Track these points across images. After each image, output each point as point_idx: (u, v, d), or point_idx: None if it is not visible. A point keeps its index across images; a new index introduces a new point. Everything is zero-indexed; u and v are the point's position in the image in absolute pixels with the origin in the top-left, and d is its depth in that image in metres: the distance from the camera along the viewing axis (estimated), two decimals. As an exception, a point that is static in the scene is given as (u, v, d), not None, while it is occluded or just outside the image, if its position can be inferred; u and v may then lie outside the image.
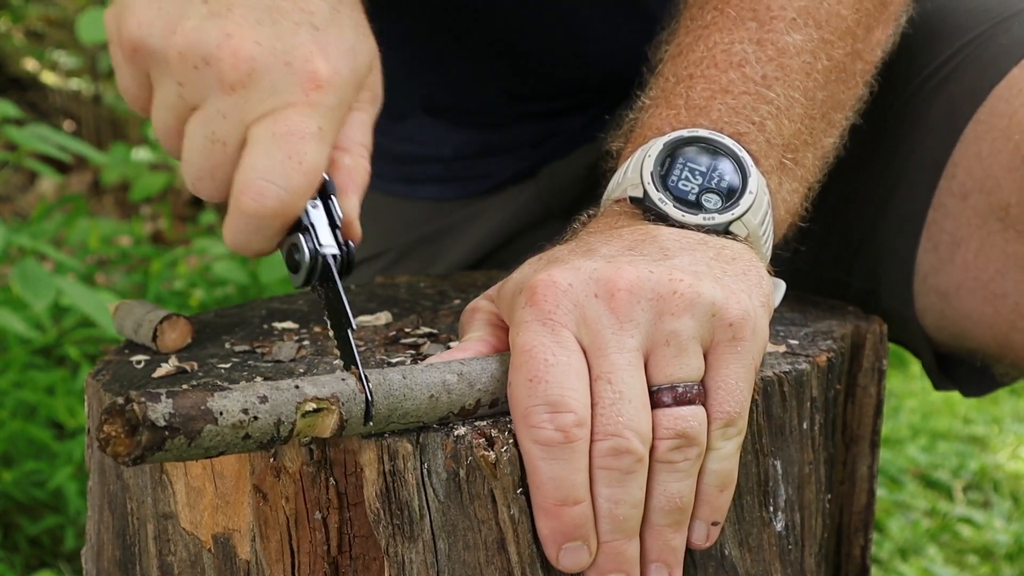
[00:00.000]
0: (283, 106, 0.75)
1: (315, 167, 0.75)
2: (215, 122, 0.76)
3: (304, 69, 0.75)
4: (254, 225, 0.75)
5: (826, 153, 0.91)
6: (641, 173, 0.82)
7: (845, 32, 0.90)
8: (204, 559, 0.76)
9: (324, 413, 0.67)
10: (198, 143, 0.77)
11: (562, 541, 0.70)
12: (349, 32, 0.79)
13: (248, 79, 0.74)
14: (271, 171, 0.74)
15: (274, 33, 0.75)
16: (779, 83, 0.86)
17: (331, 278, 0.76)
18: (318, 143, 0.75)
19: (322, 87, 0.76)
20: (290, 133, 0.74)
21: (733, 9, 0.89)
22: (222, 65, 0.74)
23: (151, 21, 0.76)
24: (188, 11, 0.75)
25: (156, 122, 0.80)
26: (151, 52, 0.76)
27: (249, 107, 0.75)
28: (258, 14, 0.76)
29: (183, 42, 0.75)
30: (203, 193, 0.79)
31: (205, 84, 0.75)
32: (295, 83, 0.75)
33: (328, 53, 0.77)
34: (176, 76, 0.76)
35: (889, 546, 2.29)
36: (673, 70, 0.88)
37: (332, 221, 0.78)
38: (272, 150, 0.74)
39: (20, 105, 3.10)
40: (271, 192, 0.74)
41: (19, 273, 1.96)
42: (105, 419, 0.60)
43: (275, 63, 0.75)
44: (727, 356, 0.72)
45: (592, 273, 0.72)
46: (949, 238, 1.03)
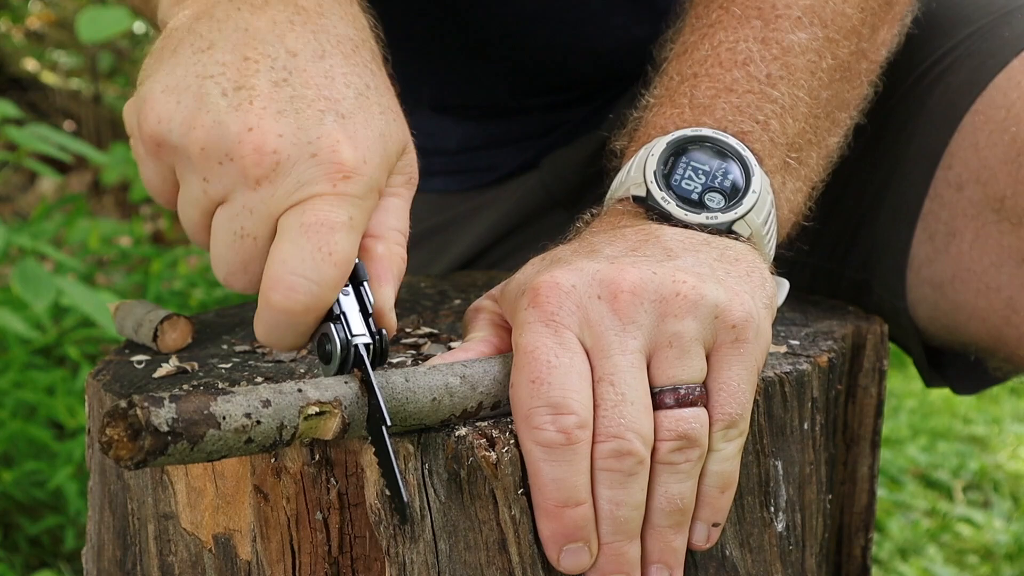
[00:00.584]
0: (310, 197, 0.72)
1: (346, 258, 0.72)
2: (242, 217, 0.73)
3: (330, 160, 0.72)
4: (286, 321, 0.72)
5: (830, 152, 0.91)
6: (644, 172, 0.82)
7: (850, 31, 0.90)
8: (205, 559, 0.76)
9: (327, 416, 0.67)
10: (227, 238, 0.74)
11: (563, 542, 0.70)
12: (377, 118, 0.76)
13: (273, 173, 0.72)
14: (301, 265, 0.71)
15: (297, 124, 0.73)
16: (784, 82, 0.86)
17: (363, 370, 0.71)
18: (348, 233, 0.72)
19: (350, 177, 0.73)
20: (319, 224, 0.71)
21: (738, 8, 0.89)
22: (245, 161, 0.71)
23: (170, 116, 0.73)
24: (208, 104, 0.73)
25: (183, 217, 0.77)
26: (173, 148, 0.74)
27: (276, 200, 0.72)
28: (280, 104, 0.73)
29: (204, 137, 0.72)
30: (237, 287, 0.76)
31: (230, 179, 0.73)
32: (322, 174, 0.72)
33: (355, 141, 0.74)
34: (200, 172, 0.73)
35: (889, 546, 2.29)
36: (678, 68, 0.88)
37: (364, 309, 0.74)
38: (301, 242, 0.71)
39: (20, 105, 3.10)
40: (302, 287, 0.71)
41: (19, 273, 1.96)
42: (107, 422, 0.60)
43: (300, 155, 0.72)
44: (729, 358, 0.72)
45: (595, 274, 0.72)
46: (944, 228, 1.03)
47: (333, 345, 0.73)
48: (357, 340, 0.73)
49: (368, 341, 0.73)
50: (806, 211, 0.89)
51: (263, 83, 0.73)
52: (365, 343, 0.73)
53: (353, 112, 0.75)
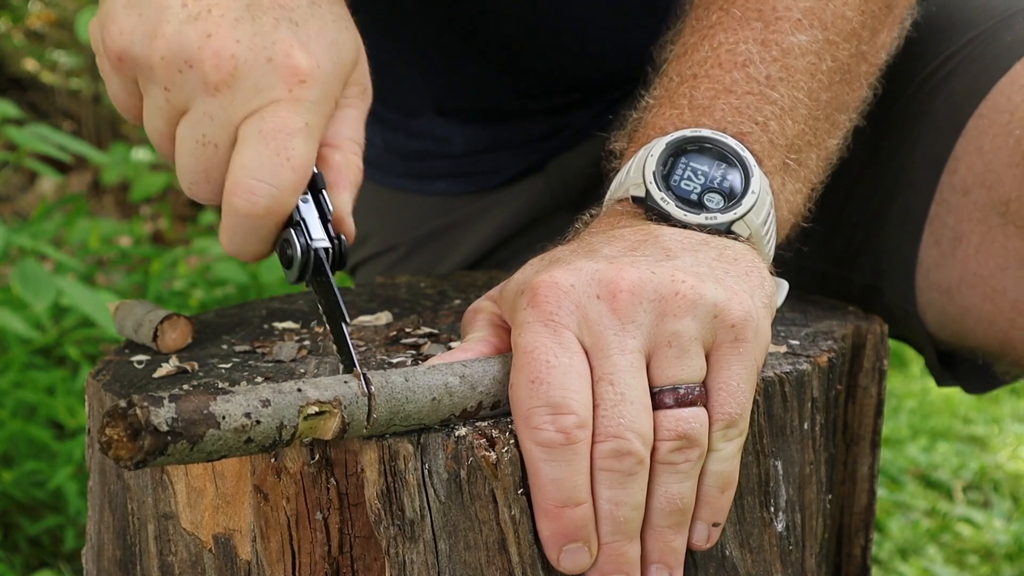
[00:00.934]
0: (268, 103, 0.75)
1: (304, 163, 0.76)
2: (203, 124, 0.76)
3: (286, 64, 0.76)
4: (248, 225, 0.76)
5: (829, 154, 0.91)
6: (643, 172, 0.82)
7: (850, 34, 0.90)
8: (205, 559, 0.76)
9: (326, 416, 0.67)
10: (189, 146, 0.77)
11: (563, 542, 0.70)
12: (330, 26, 0.79)
13: (231, 78, 0.75)
14: (260, 169, 0.75)
15: (254, 30, 0.76)
16: (783, 83, 0.86)
17: (324, 272, 0.76)
18: (305, 138, 0.76)
19: (305, 81, 0.76)
20: (277, 130, 0.75)
21: (738, 9, 0.89)
22: (204, 66, 0.75)
23: (132, 28, 0.76)
24: (168, 15, 0.76)
25: (148, 128, 0.80)
26: (135, 59, 0.77)
27: (235, 107, 0.75)
28: (237, 12, 0.76)
29: (164, 47, 0.75)
30: (200, 196, 0.79)
31: (190, 87, 0.76)
32: (278, 79, 0.75)
33: (309, 47, 0.77)
34: (161, 81, 0.76)
35: (889, 546, 2.29)
36: (677, 70, 0.88)
37: (323, 216, 0.78)
38: (260, 148, 0.75)
39: (20, 105, 3.10)
40: (262, 191, 0.75)
41: (19, 273, 1.96)
42: (107, 422, 0.60)
43: (256, 60, 0.75)
44: (729, 357, 0.72)
45: (594, 274, 0.72)
46: (951, 233, 1.03)
47: (294, 250, 0.77)
48: (316, 244, 0.77)
49: (327, 245, 0.77)
50: (805, 212, 0.89)
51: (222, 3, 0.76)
52: (324, 247, 0.77)
53: (306, 19, 0.78)
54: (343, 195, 0.80)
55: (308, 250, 0.76)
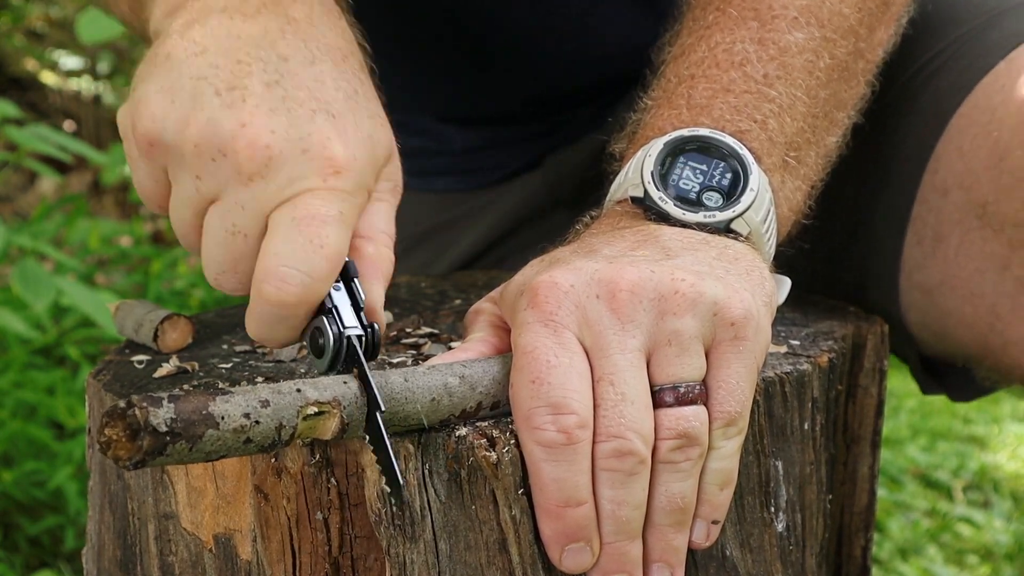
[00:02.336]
0: (302, 192, 0.73)
1: (337, 251, 0.73)
2: (234, 214, 0.74)
3: (322, 155, 0.74)
4: (277, 314, 0.73)
5: (828, 152, 0.91)
6: (642, 173, 0.82)
7: (847, 31, 0.90)
8: (205, 559, 0.76)
9: (325, 416, 0.67)
10: (218, 236, 0.75)
11: (565, 542, 0.70)
12: (365, 120, 0.78)
13: (265, 168, 0.73)
14: (292, 257, 0.72)
15: (289, 121, 0.74)
16: (781, 82, 0.86)
17: (357, 360, 0.72)
18: (339, 227, 0.73)
19: (340, 172, 0.74)
20: (311, 217, 0.73)
21: (735, 9, 0.89)
22: (238, 156, 0.73)
23: (165, 115, 0.75)
24: (202, 103, 0.74)
25: (174, 218, 0.78)
26: (166, 146, 0.75)
27: (268, 196, 0.73)
28: (272, 103, 0.74)
29: (198, 134, 0.73)
30: (226, 287, 0.77)
31: (223, 176, 0.74)
32: (313, 169, 0.74)
33: (346, 139, 0.75)
34: (193, 169, 0.74)
35: (889, 546, 2.29)
36: (675, 70, 0.88)
37: (355, 304, 0.75)
38: (293, 235, 0.72)
39: (20, 105, 3.10)
40: (294, 279, 0.72)
41: (19, 273, 1.96)
42: (106, 422, 0.60)
43: (292, 150, 0.73)
44: (729, 356, 0.72)
45: (593, 274, 0.72)
46: (932, 234, 1.03)
47: (326, 338, 0.73)
48: (349, 332, 0.73)
49: (360, 333, 0.73)
50: (806, 209, 0.89)
51: (256, 84, 0.75)
52: (357, 335, 0.73)
53: (343, 113, 0.77)
54: (375, 286, 0.78)
55: (340, 338, 0.73)
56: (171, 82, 0.75)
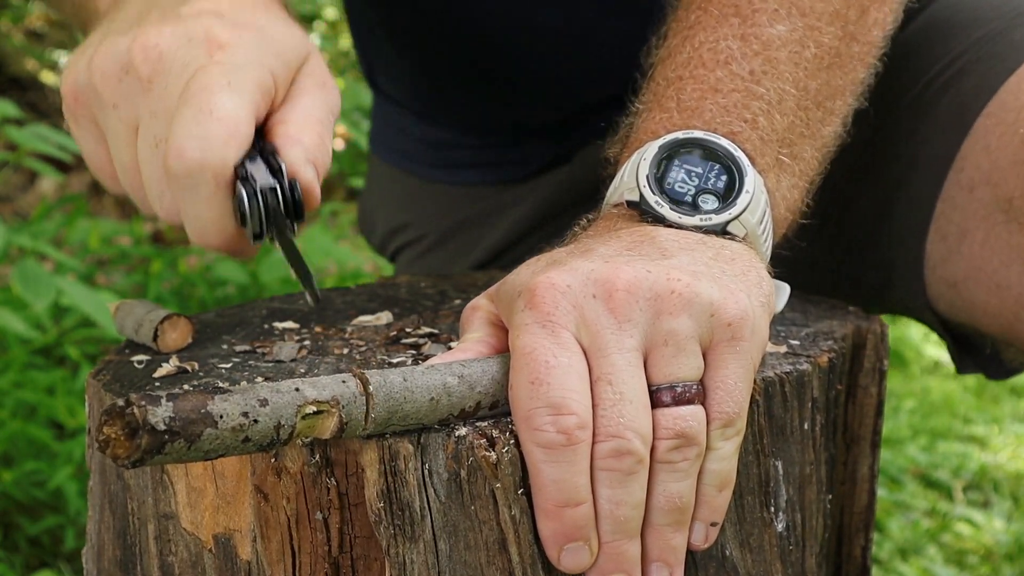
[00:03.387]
0: (192, 74, 0.76)
1: (230, 115, 0.75)
2: (151, 125, 0.77)
3: (205, 38, 0.78)
4: (188, 188, 0.75)
5: (826, 144, 0.91)
6: (637, 177, 0.82)
7: (833, 16, 0.90)
8: (205, 559, 0.76)
9: (324, 415, 0.67)
10: (147, 156, 0.78)
11: (564, 542, 0.70)
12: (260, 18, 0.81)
13: (159, 65, 0.77)
14: (185, 127, 0.74)
15: (176, 24, 0.79)
16: (768, 77, 0.86)
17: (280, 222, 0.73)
18: (229, 93, 0.75)
19: (224, 47, 0.77)
20: (199, 89, 0.75)
21: (715, 7, 0.88)
22: (135, 64, 0.77)
23: (77, 66, 0.80)
24: (104, 39, 0.80)
25: (120, 174, 0.81)
26: (83, 90, 0.79)
27: (168, 93, 0.76)
28: (165, 17, 0.80)
29: (100, 62, 0.78)
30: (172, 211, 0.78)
31: (132, 93, 0.78)
32: (199, 51, 0.77)
33: (230, 24, 0.79)
34: (108, 100, 0.78)
35: (889, 546, 2.29)
36: (663, 73, 0.88)
37: (273, 170, 0.75)
38: (184, 111, 0.75)
39: (20, 105, 3.10)
40: (189, 144, 0.74)
41: (19, 273, 1.96)
42: (105, 421, 0.60)
43: (178, 43, 0.77)
44: (726, 356, 0.72)
45: (590, 274, 0.72)
46: (956, 229, 1.04)
47: (241, 200, 0.74)
48: (261, 184, 0.74)
49: (274, 184, 0.74)
50: (804, 207, 0.89)
51: (153, 16, 0.80)
52: (271, 187, 0.74)
53: (231, 12, 0.81)
54: (293, 150, 0.78)
55: (254, 194, 0.74)
56: (84, 44, 0.82)
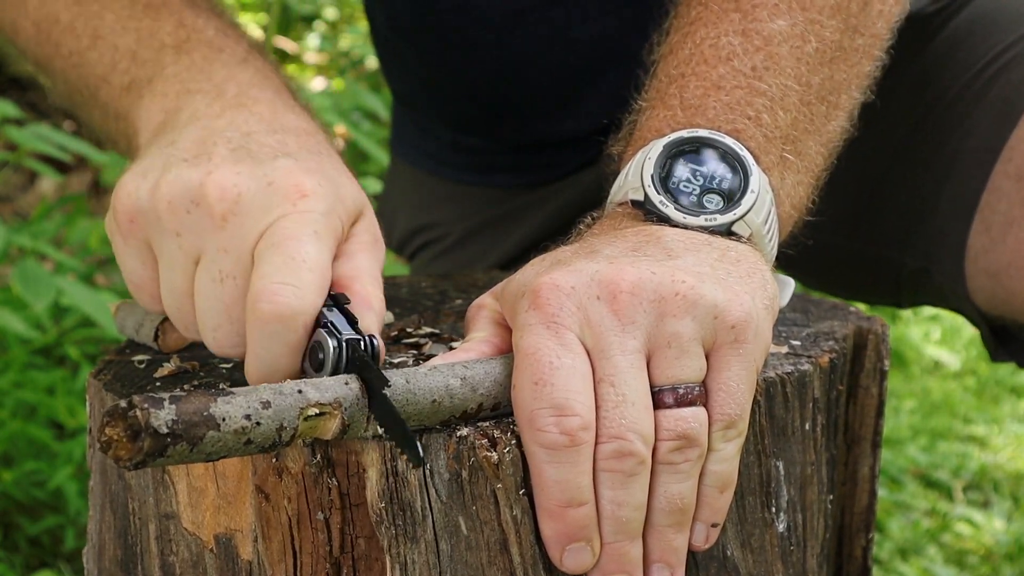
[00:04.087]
0: (275, 220, 0.76)
1: (319, 263, 0.75)
2: (218, 260, 0.76)
3: (287, 184, 0.77)
4: (275, 332, 0.74)
5: (831, 139, 0.90)
6: (642, 176, 0.82)
7: (834, 9, 0.89)
8: (206, 559, 0.76)
9: (326, 417, 0.67)
10: (208, 289, 0.77)
11: (566, 542, 0.70)
12: (329, 168, 0.82)
13: (236, 206, 0.76)
14: (278, 274, 0.74)
15: (253, 163, 0.78)
16: (770, 73, 0.85)
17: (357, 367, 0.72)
18: (316, 242, 0.76)
19: (308, 196, 0.77)
20: (288, 238, 0.75)
21: (716, 3, 0.88)
22: (209, 201, 0.76)
23: (138, 187, 0.79)
24: (170, 167, 0.79)
25: (166, 297, 0.80)
26: (143, 214, 0.78)
27: (244, 232, 0.76)
28: (236, 154, 0.79)
29: (169, 191, 0.77)
30: (225, 344, 0.78)
31: (200, 226, 0.77)
32: (281, 197, 0.77)
33: (309, 171, 0.79)
34: (171, 227, 0.77)
35: (889, 546, 2.29)
36: (665, 70, 0.88)
37: (350, 321, 0.75)
38: (274, 257, 0.74)
39: (20, 105, 3.10)
40: (284, 290, 0.73)
41: (19, 273, 1.96)
42: (107, 422, 0.60)
43: (258, 185, 0.77)
44: (729, 358, 0.72)
45: (594, 275, 0.72)
46: (1002, 219, 1.06)
47: (326, 347, 0.73)
48: (346, 336, 0.73)
49: (357, 337, 0.73)
50: (809, 204, 0.89)
51: (221, 149, 0.80)
52: (355, 338, 0.73)
53: (306, 158, 0.81)
54: (367, 313, 0.78)
55: (340, 343, 0.73)
56: (144, 166, 0.81)
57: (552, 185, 1.34)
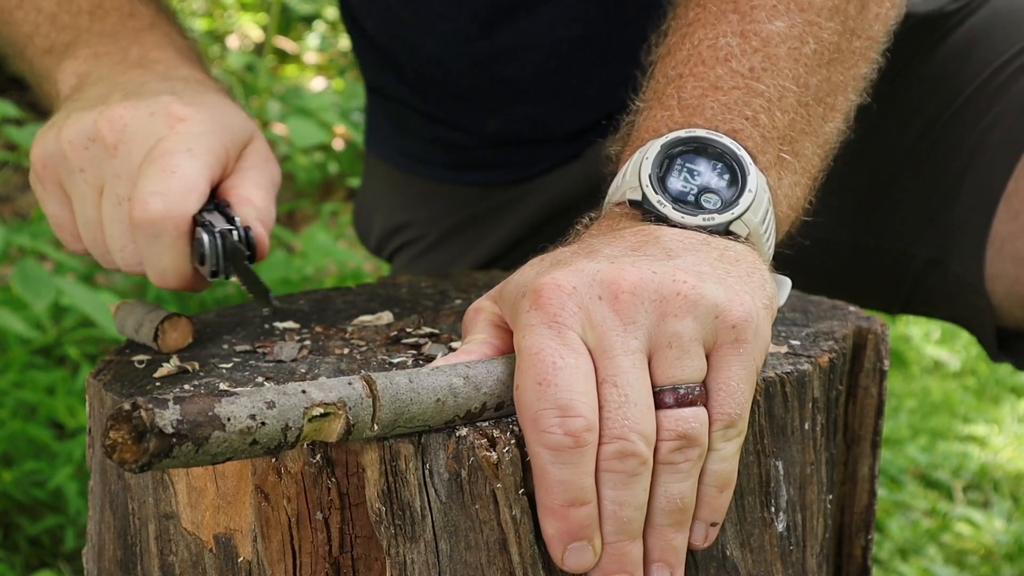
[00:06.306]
0: (156, 142, 0.87)
1: (189, 174, 0.86)
2: (115, 185, 0.87)
3: (166, 111, 0.89)
4: (151, 236, 0.85)
5: (828, 140, 0.90)
6: (639, 175, 0.82)
7: (832, 11, 0.89)
8: (206, 559, 0.76)
9: (331, 418, 0.67)
10: (110, 213, 0.88)
11: (568, 541, 0.70)
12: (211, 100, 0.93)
13: (124, 134, 0.88)
14: (150, 183, 0.85)
15: (138, 100, 0.90)
16: (768, 74, 0.86)
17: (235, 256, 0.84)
18: (189, 157, 0.86)
19: (184, 120, 0.89)
20: (161, 153, 0.86)
21: (714, 4, 0.88)
22: (102, 134, 0.88)
23: (45, 136, 0.91)
24: (70, 114, 0.91)
25: (83, 231, 0.91)
26: (51, 157, 0.90)
27: (132, 157, 0.87)
28: (126, 95, 0.91)
29: (68, 132, 0.89)
30: (133, 263, 0.89)
31: (98, 159, 0.88)
32: (161, 124, 0.88)
33: (188, 102, 0.90)
34: (75, 164, 0.89)
35: (889, 546, 2.29)
36: (663, 71, 0.88)
37: (228, 219, 0.87)
38: (148, 171, 0.86)
39: (20, 105, 3.10)
40: (153, 197, 0.84)
41: (19, 273, 1.96)
42: (111, 425, 0.60)
43: (142, 115, 0.89)
44: (729, 358, 0.72)
45: (595, 275, 0.72)
46: None
47: (201, 244, 0.85)
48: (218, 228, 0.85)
49: (230, 227, 0.85)
50: (806, 204, 0.89)
51: (115, 96, 0.92)
52: (228, 228, 0.86)
53: (189, 95, 0.92)
54: (245, 208, 0.89)
55: (213, 235, 0.84)
56: (52, 120, 0.93)
57: (528, 184, 1.34)
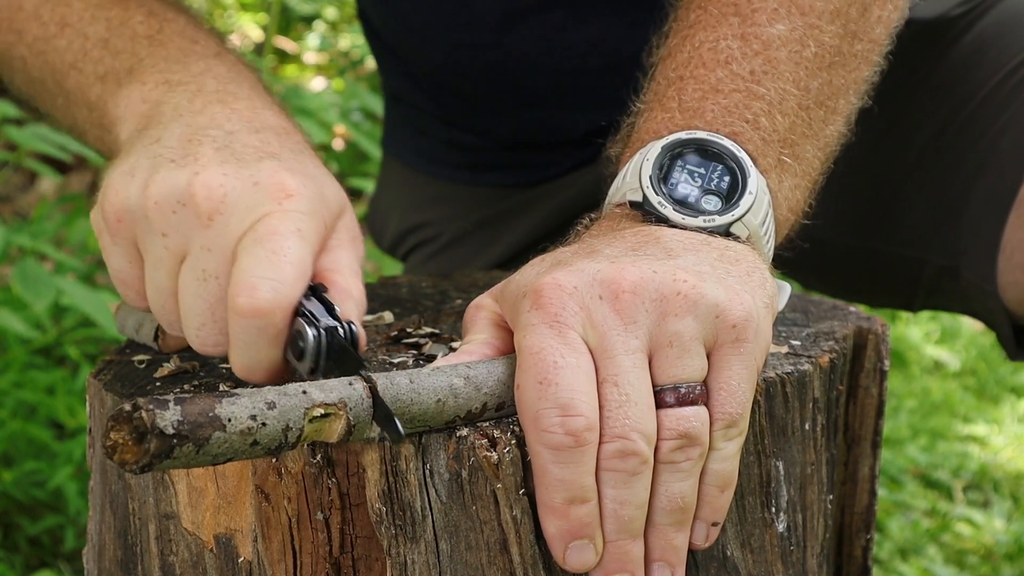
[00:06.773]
0: (260, 218, 0.77)
1: (300, 259, 0.76)
2: (203, 259, 0.77)
3: (272, 184, 0.79)
4: (254, 326, 0.75)
5: (828, 143, 0.90)
6: (640, 177, 0.82)
7: (833, 15, 0.89)
8: (206, 559, 0.76)
9: (332, 418, 0.67)
10: (192, 288, 0.78)
11: (569, 539, 0.70)
12: (311, 168, 0.83)
13: (222, 206, 0.77)
14: (258, 268, 0.75)
15: (238, 165, 0.80)
16: (768, 77, 0.86)
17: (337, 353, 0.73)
18: (298, 239, 0.77)
19: (293, 196, 0.78)
20: (270, 234, 0.76)
21: (715, 7, 0.88)
22: (196, 200, 0.77)
23: (126, 187, 0.80)
24: (159, 168, 0.80)
25: (151, 295, 0.81)
26: (131, 213, 0.79)
27: (229, 231, 0.77)
28: (222, 156, 0.81)
29: (156, 191, 0.78)
30: (208, 342, 0.79)
31: (186, 226, 0.78)
32: (266, 196, 0.78)
33: (293, 172, 0.80)
34: (158, 227, 0.78)
35: (889, 546, 2.29)
36: (664, 73, 0.88)
37: (330, 310, 0.77)
38: (255, 251, 0.76)
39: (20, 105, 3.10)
40: (263, 284, 0.74)
41: (19, 273, 1.96)
42: (112, 426, 0.60)
43: (244, 185, 0.78)
44: (730, 357, 0.72)
45: (596, 275, 0.72)
46: None
47: (305, 339, 0.74)
48: (325, 323, 0.74)
49: (335, 325, 0.74)
50: (806, 207, 0.89)
51: (206, 149, 0.81)
52: (333, 326, 0.74)
53: (289, 159, 0.82)
54: (347, 302, 0.80)
55: (319, 330, 0.74)
56: (130, 164, 0.81)
57: (545, 186, 1.34)
